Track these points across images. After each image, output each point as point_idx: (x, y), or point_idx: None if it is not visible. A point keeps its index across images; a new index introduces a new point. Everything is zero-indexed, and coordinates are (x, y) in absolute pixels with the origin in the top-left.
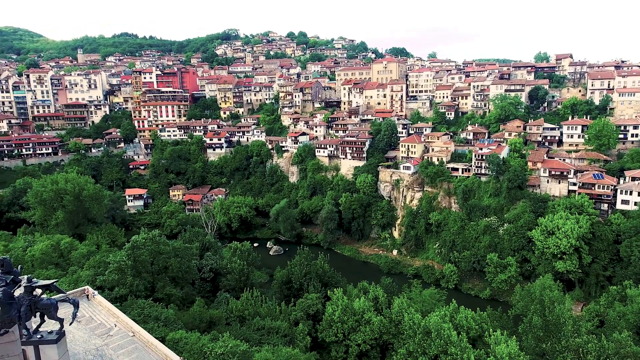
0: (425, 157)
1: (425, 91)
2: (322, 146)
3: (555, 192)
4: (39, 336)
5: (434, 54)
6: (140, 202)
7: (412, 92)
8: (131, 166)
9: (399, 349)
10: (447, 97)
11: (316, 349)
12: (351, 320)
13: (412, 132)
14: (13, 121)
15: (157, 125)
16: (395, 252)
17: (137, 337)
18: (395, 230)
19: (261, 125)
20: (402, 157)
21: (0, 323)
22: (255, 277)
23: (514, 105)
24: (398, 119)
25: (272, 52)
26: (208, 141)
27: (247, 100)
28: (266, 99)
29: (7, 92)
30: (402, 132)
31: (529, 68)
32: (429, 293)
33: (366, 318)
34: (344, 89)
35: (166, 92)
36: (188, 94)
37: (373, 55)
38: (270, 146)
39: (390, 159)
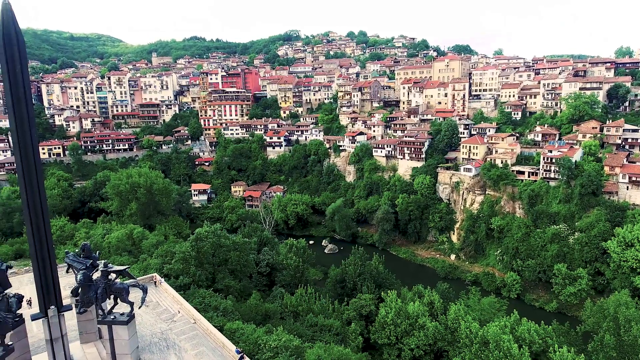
0: (488, 159)
1: (490, 90)
2: (380, 146)
3: (636, 201)
4: (112, 317)
5: (500, 50)
6: (204, 197)
7: (476, 90)
8: (197, 162)
9: (454, 358)
10: (513, 96)
11: (368, 350)
12: (405, 324)
13: (475, 132)
14: (96, 119)
15: (221, 124)
16: (453, 256)
17: (198, 324)
18: (453, 234)
19: (319, 125)
20: (462, 158)
21: (80, 303)
22: (310, 274)
23: (590, 104)
24: (459, 119)
25: (331, 52)
26: (268, 140)
27: (306, 99)
28: (325, 99)
29: (92, 92)
30: (463, 133)
31: (609, 64)
32: (488, 301)
33: (420, 323)
34: (404, 88)
35: (230, 92)
36: (250, 94)
37: (434, 54)
38: (327, 145)
39: (450, 160)
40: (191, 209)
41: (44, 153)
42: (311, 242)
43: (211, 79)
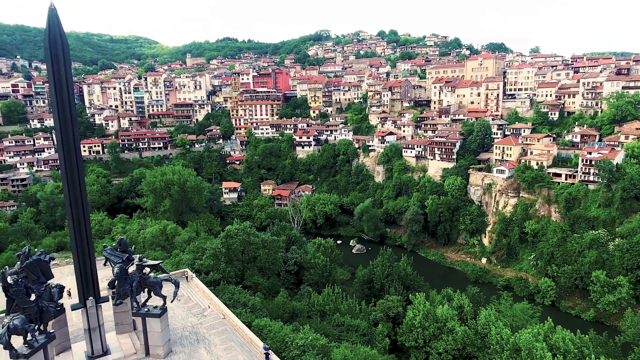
0: (523, 161)
1: (525, 89)
2: (410, 146)
3: None
4: (146, 309)
5: (536, 48)
6: (235, 195)
7: (510, 90)
8: (228, 161)
9: None
10: (550, 95)
11: (395, 352)
12: (433, 327)
13: (509, 133)
14: (133, 119)
15: (251, 123)
16: (484, 260)
17: (227, 320)
18: (485, 237)
19: (349, 125)
20: (495, 159)
21: (116, 295)
22: (337, 273)
23: (634, 104)
24: (493, 119)
25: (361, 52)
26: (297, 139)
27: (336, 99)
28: (354, 98)
29: (129, 93)
30: (496, 133)
31: None
32: (520, 307)
33: (449, 327)
34: (435, 87)
35: (261, 92)
36: (280, 94)
37: (467, 52)
38: (356, 145)
39: (483, 161)
40: (222, 206)
41: (84, 151)
42: (339, 241)
43: (243, 79)
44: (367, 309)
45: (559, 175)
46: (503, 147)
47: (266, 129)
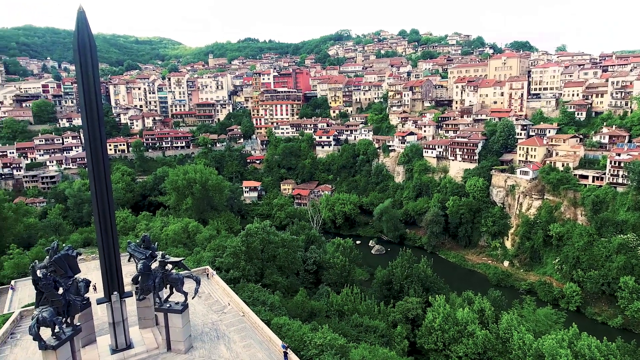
0: (547, 162)
1: (551, 88)
2: (431, 146)
3: None
4: (168, 305)
5: (563, 47)
6: (255, 194)
7: (535, 89)
8: (248, 160)
9: None
10: (577, 94)
11: (413, 354)
12: (453, 330)
13: (533, 133)
14: (157, 118)
15: (272, 123)
16: (506, 263)
17: (246, 317)
18: (507, 239)
19: (369, 124)
20: (519, 160)
21: (140, 290)
22: (356, 274)
23: None
24: (516, 119)
25: (382, 51)
26: (317, 139)
27: (356, 99)
28: (375, 98)
29: (153, 93)
30: (520, 134)
31: None
32: (544, 312)
33: (469, 330)
34: (457, 87)
35: (281, 92)
36: (301, 94)
37: (490, 51)
38: (377, 145)
39: (506, 162)
40: (242, 205)
41: (110, 149)
42: (358, 242)
43: (263, 79)
44: (386, 310)
45: (586, 177)
46: (527, 148)
47: (286, 128)
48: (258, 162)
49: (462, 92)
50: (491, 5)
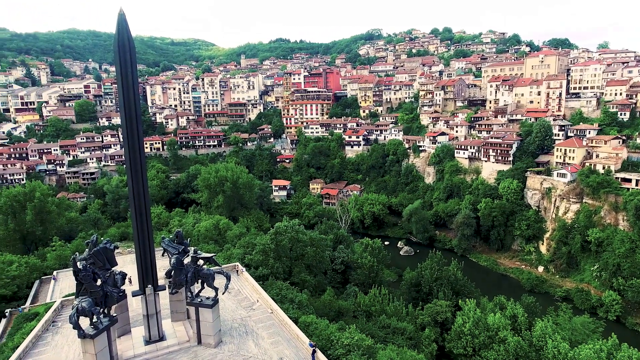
0: (587, 164)
1: (592, 87)
2: (463, 147)
3: None
4: (199, 300)
5: (605, 44)
6: (284, 193)
7: (574, 88)
8: (278, 159)
9: None
10: (620, 94)
11: (442, 358)
12: (483, 336)
13: (571, 134)
14: (190, 117)
15: (302, 123)
16: (540, 268)
17: (275, 314)
18: (542, 244)
19: (399, 124)
20: (556, 162)
21: (173, 284)
22: (384, 275)
23: None
24: (554, 120)
25: (414, 50)
26: (347, 139)
27: (387, 99)
28: (406, 98)
29: (187, 93)
30: (558, 135)
31: None
32: (581, 321)
33: (501, 336)
34: (491, 86)
35: (312, 91)
36: (331, 93)
37: (527, 49)
38: (407, 145)
39: (542, 164)
40: (271, 203)
41: (146, 147)
42: (386, 242)
43: (294, 79)
44: (414, 313)
45: (629, 180)
46: (565, 150)
47: (316, 128)
48: (287, 161)
49: (496, 92)
50: (528, 1)
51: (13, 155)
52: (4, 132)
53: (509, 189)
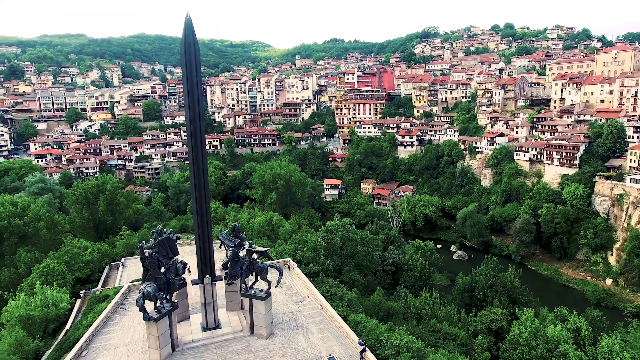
0: None
1: None
2: (523, 149)
3: None
4: (253, 292)
5: None
6: (335, 192)
7: None
8: (330, 158)
9: None
10: None
11: None
12: (541, 348)
13: None
14: (246, 116)
15: (354, 122)
16: (608, 281)
17: (324, 311)
18: (611, 254)
19: (454, 125)
20: (629, 167)
21: (229, 275)
22: (436, 278)
23: None
24: (628, 121)
25: (472, 48)
26: (400, 139)
27: (442, 98)
28: (462, 97)
29: (244, 93)
30: (632, 137)
31: None
32: None
33: (561, 350)
34: (556, 84)
35: (365, 91)
36: (384, 93)
37: (598, 44)
38: (462, 146)
39: (613, 168)
40: (322, 202)
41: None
42: (439, 245)
43: (347, 78)
44: (467, 319)
45: None
46: None
47: (369, 127)
48: (339, 160)
49: (562, 90)
50: None
51: (89, 151)
52: (81, 130)
53: (574, 195)
